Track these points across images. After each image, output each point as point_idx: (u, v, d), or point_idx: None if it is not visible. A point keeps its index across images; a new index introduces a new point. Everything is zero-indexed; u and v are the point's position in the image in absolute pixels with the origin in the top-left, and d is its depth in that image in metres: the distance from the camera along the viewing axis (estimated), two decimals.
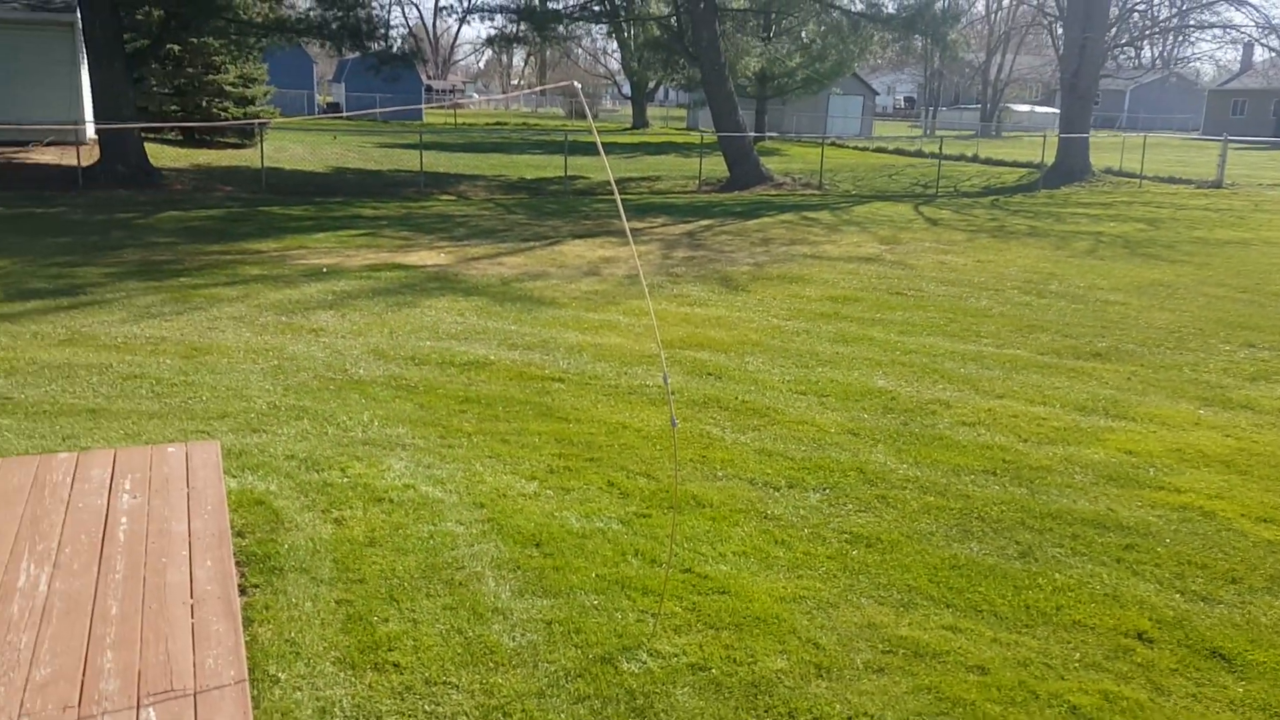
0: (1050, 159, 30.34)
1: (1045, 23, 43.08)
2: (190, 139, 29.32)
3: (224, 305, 10.53)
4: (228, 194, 20.70)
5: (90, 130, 24.71)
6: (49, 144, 24.50)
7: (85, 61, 23.08)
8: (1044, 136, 32.84)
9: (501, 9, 27.88)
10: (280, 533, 5.28)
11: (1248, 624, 4.69)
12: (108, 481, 5.02)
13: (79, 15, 21.50)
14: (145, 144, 22.69)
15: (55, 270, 12.06)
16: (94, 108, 21.88)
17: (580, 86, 3.97)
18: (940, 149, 31.18)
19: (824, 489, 6.15)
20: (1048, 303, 11.92)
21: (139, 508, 4.73)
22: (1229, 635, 4.58)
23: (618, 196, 4.77)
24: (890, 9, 27.53)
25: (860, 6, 28.10)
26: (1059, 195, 25.99)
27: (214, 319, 9.92)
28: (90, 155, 22.34)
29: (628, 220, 19.08)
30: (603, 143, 3.99)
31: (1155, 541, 5.54)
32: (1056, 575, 5.14)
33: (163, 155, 25.40)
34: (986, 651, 4.42)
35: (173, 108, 28.75)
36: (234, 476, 5.92)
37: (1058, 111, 54.93)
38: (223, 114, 29.33)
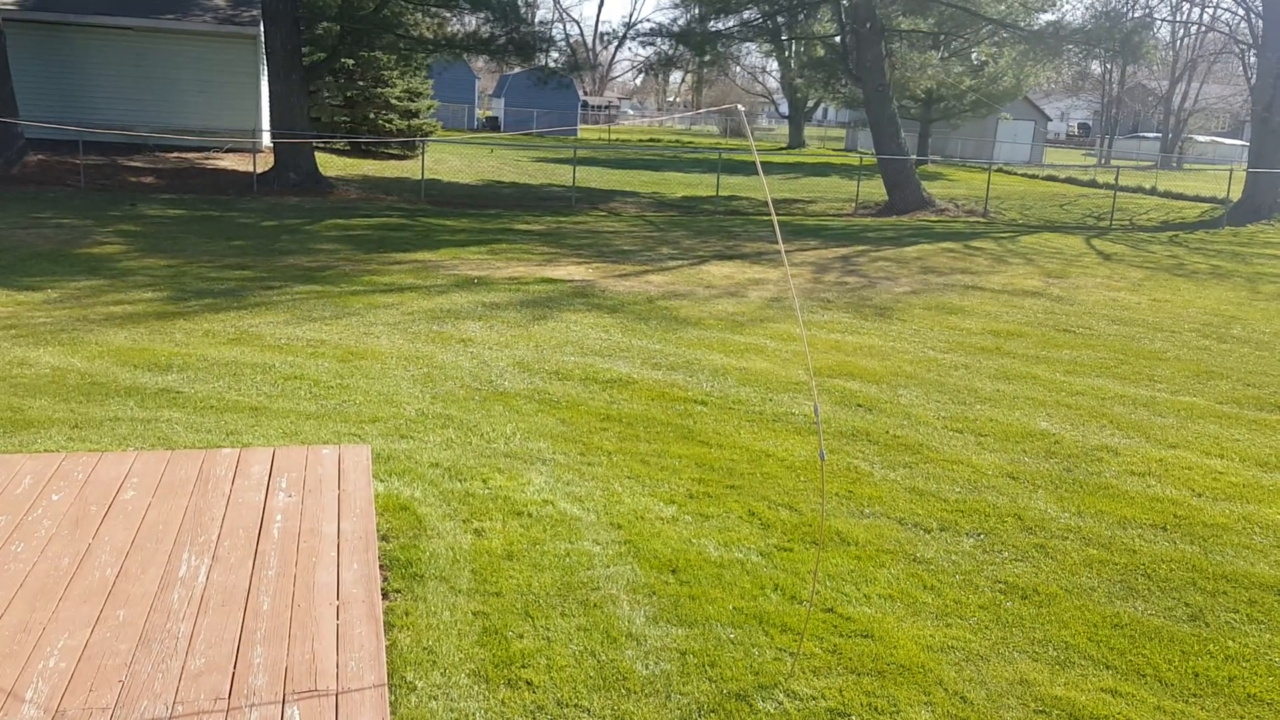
0: (1236, 194, 28.46)
1: (1237, 51, 40.56)
2: (357, 149, 30.73)
3: (379, 312, 10.91)
4: (388, 203, 21.55)
5: (267, 139, 26.22)
6: (228, 150, 26.11)
7: (265, 73, 24.49)
8: (1230, 170, 30.85)
9: (660, 33, 28.11)
10: (422, 539, 5.36)
11: None
12: (266, 479, 5.21)
13: (262, 29, 22.84)
14: (316, 153, 23.89)
15: (228, 271, 12.77)
16: (271, 117, 23.20)
17: (743, 109, 3.89)
18: (1116, 179, 29.69)
19: (978, 534, 5.85)
20: (1229, 348, 11.11)
21: (294, 506, 4.89)
22: None
23: (774, 218, 4.66)
24: (1076, 23, 26.38)
25: (1040, 24, 27.07)
26: (1244, 233, 24.34)
27: (369, 324, 10.28)
28: (265, 162, 23.68)
29: (774, 244, 18.90)
30: (758, 160, 3.90)
31: None
32: (1230, 643, 4.72)
33: (331, 164, 26.69)
34: None
35: (342, 118, 30.20)
36: (381, 481, 6.06)
37: (1245, 144, 51.58)
38: (388, 126, 30.64)
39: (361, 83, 30.02)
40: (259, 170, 22.41)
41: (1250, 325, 12.44)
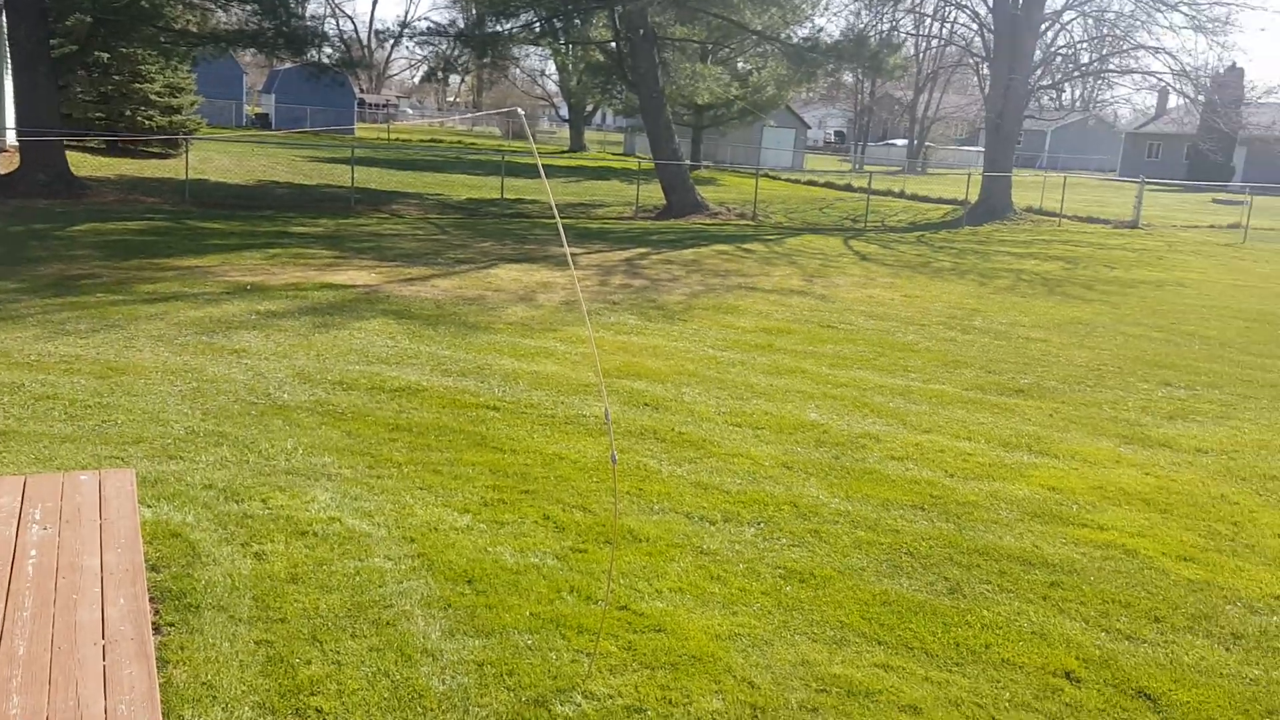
0: (974, 196, 31.12)
1: (971, 63, 44.32)
2: (114, 148, 28.52)
3: (142, 323, 10.20)
4: (151, 206, 20.15)
5: (11, 137, 23.88)
6: None
7: (8, 66, 22.31)
8: (968, 175, 33.70)
9: (439, 32, 27.67)
10: (197, 567, 5.08)
11: (1171, 664, 4.78)
12: (17, 511, 4.78)
13: (3, 19, 20.82)
14: (67, 152, 22.00)
15: None
16: (16, 114, 21.17)
17: (524, 113, 3.92)
18: (870, 184, 31.77)
19: (759, 523, 6.15)
20: (971, 339, 12.16)
21: (49, 539, 4.51)
22: (1154, 675, 4.67)
23: (560, 223, 4.72)
24: (830, 41, 28.00)
25: (798, 40, 28.56)
26: (982, 232, 26.64)
27: (131, 337, 9.60)
28: (10, 163, 21.58)
29: (562, 246, 19.04)
30: (540, 165, 3.91)
31: (1080, 579, 5.64)
32: (985, 612, 5.19)
33: (85, 164, 24.64)
34: (918, 690, 4.43)
35: (97, 115, 27.96)
36: (149, 506, 5.69)
37: (980, 150, 56.41)
38: (148, 123, 28.61)
39: (118, 77, 27.86)
40: (2, 171, 20.36)
41: (989, 316, 13.66)
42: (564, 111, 68.65)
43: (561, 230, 4.93)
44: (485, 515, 6.00)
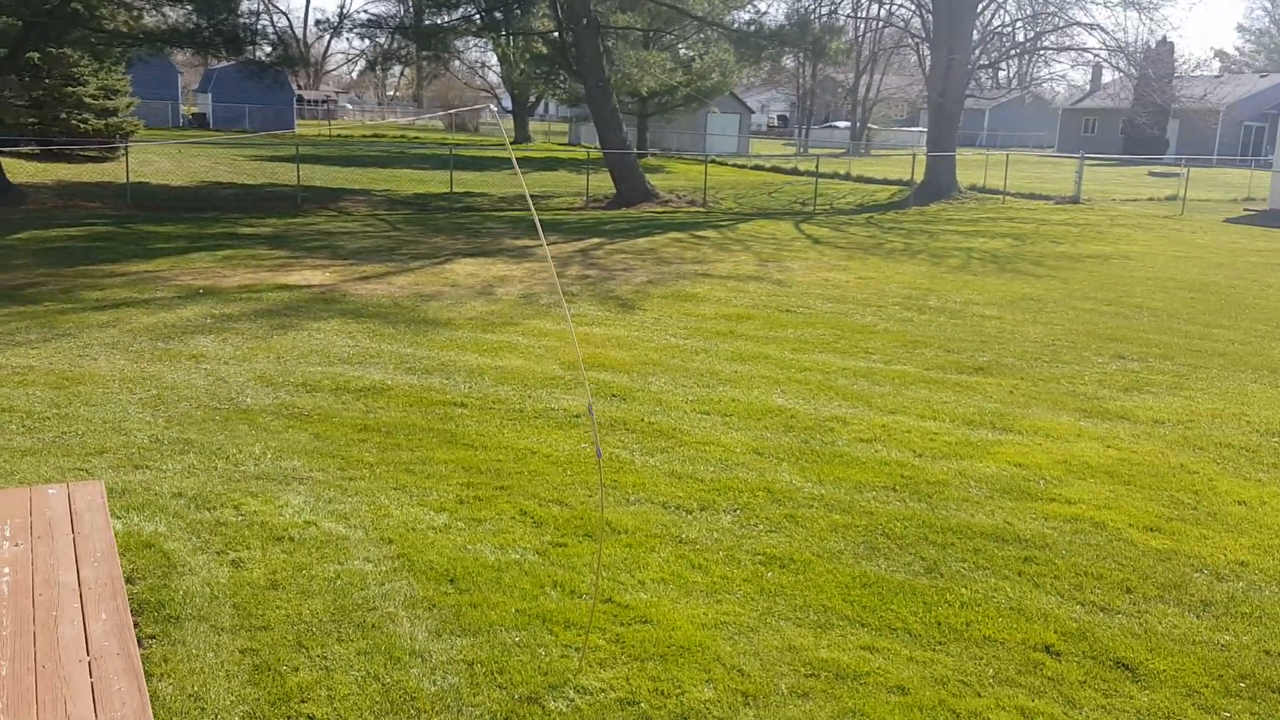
0: (919, 176, 31.48)
1: (912, 44, 44.80)
2: (49, 152, 27.80)
3: (94, 331, 9.97)
4: (91, 211, 19.67)
5: None
6: None
7: None
8: (913, 155, 34.09)
9: (379, 25, 27.31)
10: (173, 578, 5.00)
11: (1145, 633, 4.90)
12: None
13: None
14: (1, 159, 21.38)
15: None
16: None
17: (495, 108, 3.90)
18: (817, 167, 31.99)
19: (735, 510, 6.19)
20: (928, 318, 12.32)
21: (22, 556, 4.41)
22: (1130, 645, 4.78)
23: (534, 211, 4.71)
24: (771, 25, 28.14)
25: (739, 25, 28.65)
26: (929, 212, 26.98)
27: (84, 346, 9.38)
28: None
29: (517, 239, 18.95)
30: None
31: (1052, 553, 5.76)
32: (963, 590, 5.28)
33: (20, 170, 23.99)
34: (904, 671, 4.50)
35: (29, 120, 27.26)
36: (118, 517, 5.58)
37: (922, 130, 56.99)
38: (83, 126, 27.92)
39: (50, 81, 27.13)
40: None
41: (943, 296, 13.85)
42: (507, 103, 68.15)
43: (538, 221, 4.90)
44: (462, 513, 5.97)
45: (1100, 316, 12.72)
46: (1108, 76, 61.79)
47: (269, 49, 23.70)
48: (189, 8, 21.83)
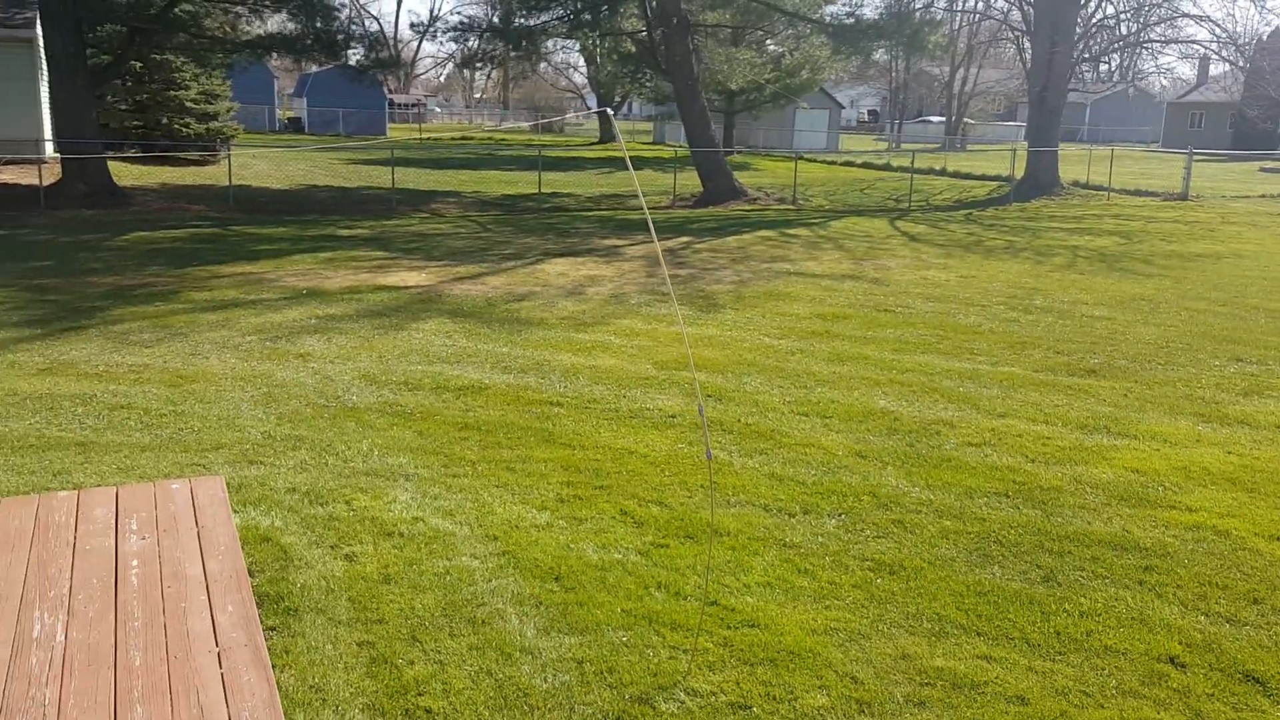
0: (1019, 172, 30.67)
1: (1012, 37, 43.65)
2: (152, 156, 28.89)
3: (204, 330, 10.31)
4: (196, 213, 20.36)
5: (50, 148, 24.25)
6: (6, 163, 24.01)
7: (45, 78, 22.64)
8: (1012, 150, 33.22)
9: (472, 27, 27.72)
10: (291, 571, 5.12)
11: (1276, 646, 4.67)
12: (113, 521, 4.84)
13: (40, 31, 21.12)
14: (108, 162, 22.30)
15: (24, 295, 11.76)
16: (54, 125, 21.48)
17: (612, 112, 3.89)
18: (912, 162, 31.42)
19: (840, 514, 6.09)
20: (1035, 319, 11.98)
21: (149, 549, 4.56)
22: (1260, 658, 4.57)
23: (645, 207, 4.69)
24: (869, 19, 27.73)
25: (831, 19, 28.30)
26: (1030, 209, 26.26)
27: (196, 345, 9.70)
28: (52, 174, 21.90)
29: (605, 239, 19.03)
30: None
31: (1174, 562, 5.53)
32: (1082, 599, 5.10)
33: (125, 173, 24.98)
34: (1024, 681, 4.36)
35: (134, 124, 28.32)
36: (236, 512, 5.74)
37: (1019, 124, 55.52)
38: (185, 130, 28.93)
39: (154, 86, 28.19)
40: (45, 183, 20.69)
41: (1049, 295, 13.45)
42: (592, 103, 68.53)
43: (650, 220, 4.88)
44: (563, 512, 6.00)
45: (1215, 317, 12.21)
46: (1216, 69, 59.43)
47: (365, 53, 24.25)
48: (290, 12, 22.45)
